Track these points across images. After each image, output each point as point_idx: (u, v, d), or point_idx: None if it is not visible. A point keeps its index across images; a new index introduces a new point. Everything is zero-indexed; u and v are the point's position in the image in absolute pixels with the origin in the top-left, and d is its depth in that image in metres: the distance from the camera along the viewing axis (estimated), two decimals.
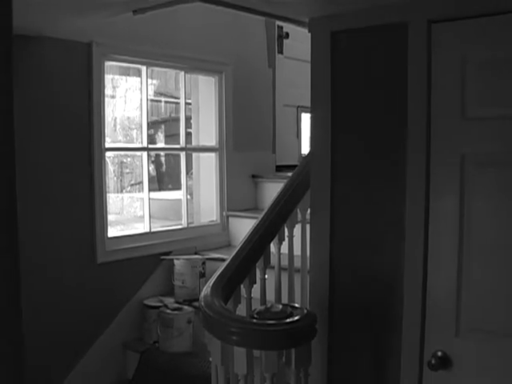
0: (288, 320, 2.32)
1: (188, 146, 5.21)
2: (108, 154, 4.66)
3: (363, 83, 2.59)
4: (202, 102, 5.37)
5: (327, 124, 2.67)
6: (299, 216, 3.30)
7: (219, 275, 2.72)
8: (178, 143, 5.20)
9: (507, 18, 2.15)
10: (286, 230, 3.22)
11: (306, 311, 2.38)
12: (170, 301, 4.46)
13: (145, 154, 4.80)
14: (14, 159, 1.55)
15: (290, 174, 3.42)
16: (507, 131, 2.19)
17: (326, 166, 2.68)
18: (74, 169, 4.12)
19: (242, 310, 2.90)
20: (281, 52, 5.81)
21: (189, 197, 5.36)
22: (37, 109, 3.85)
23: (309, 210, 2.93)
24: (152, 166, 7.63)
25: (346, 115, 2.64)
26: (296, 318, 2.33)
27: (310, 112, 2.79)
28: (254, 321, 2.39)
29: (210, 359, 2.55)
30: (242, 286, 2.89)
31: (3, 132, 1.45)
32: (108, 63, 4.42)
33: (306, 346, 2.37)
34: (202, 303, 2.48)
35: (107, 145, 4.46)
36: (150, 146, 5.03)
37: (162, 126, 8.15)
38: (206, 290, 2.58)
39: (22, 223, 3.44)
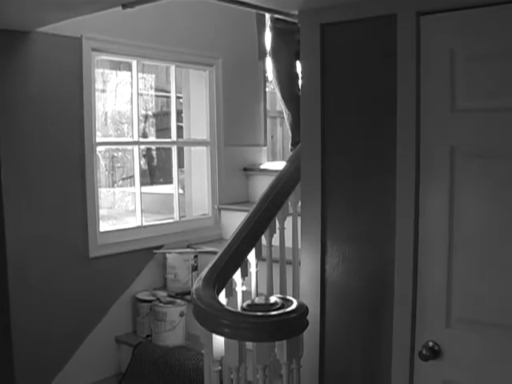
0: (279, 312, 2.32)
1: (179, 139, 5.21)
2: (99, 148, 4.67)
3: (352, 75, 2.59)
4: (193, 96, 5.37)
5: (317, 116, 2.67)
6: (290, 209, 3.31)
7: (211, 268, 2.73)
8: (170, 137, 5.20)
9: (494, 10, 2.15)
10: (277, 222, 3.23)
11: (297, 303, 2.39)
12: (162, 294, 4.47)
13: (136, 148, 4.80)
14: None
15: (281, 167, 3.42)
16: (496, 123, 2.19)
17: (316, 159, 2.68)
18: (65, 164, 4.12)
19: (233, 303, 2.91)
20: None
21: (181, 191, 5.36)
22: (27, 104, 3.83)
23: (300, 203, 2.94)
24: (143, 160, 7.63)
25: (336, 107, 2.64)
26: (288, 309, 2.33)
27: (301, 104, 2.80)
28: (246, 313, 2.39)
29: (203, 351, 2.56)
30: (233, 278, 2.90)
31: None
32: (98, 57, 4.41)
33: (298, 338, 2.38)
34: (194, 296, 2.48)
35: (98, 139, 4.47)
36: (142, 140, 5.03)
37: (153, 121, 8.14)
38: (197, 282, 2.59)
39: (13, 218, 3.46)
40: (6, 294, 1.62)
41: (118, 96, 7.48)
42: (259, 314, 2.35)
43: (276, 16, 4.26)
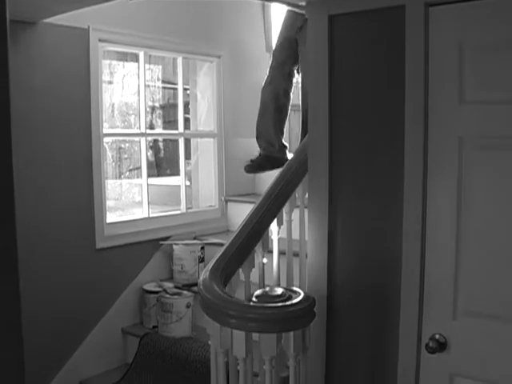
0: (287, 303, 2.33)
1: (186, 131, 5.21)
2: (106, 139, 4.67)
3: (360, 66, 2.59)
4: (200, 88, 5.36)
5: (325, 107, 2.66)
6: (297, 200, 3.31)
7: (218, 259, 2.73)
8: (177, 129, 5.20)
9: (502, 1, 2.14)
10: (284, 214, 3.23)
11: (304, 295, 2.39)
12: (169, 286, 4.48)
13: (143, 139, 4.80)
14: (11, 145, 1.55)
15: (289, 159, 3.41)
16: (504, 115, 2.19)
17: (323, 150, 2.68)
18: (73, 155, 4.12)
19: (240, 294, 2.91)
20: None
21: (187, 182, 5.37)
22: (33, 95, 3.84)
23: (307, 195, 2.94)
24: (150, 152, 7.62)
25: (344, 99, 2.63)
26: (295, 301, 2.34)
27: (309, 94, 2.79)
28: (253, 304, 2.39)
29: (209, 342, 2.56)
30: (240, 270, 2.90)
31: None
32: (105, 48, 4.41)
33: (305, 330, 2.39)
34: (201, 287, 2.48)
35: (105, 130, 4.47)
36: (149, 131, 5.03)
37: (160, 112, 8.13)
38: (204, 273, 2.59)
39: (21, 209, 3.45)
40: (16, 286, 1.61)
41: (125, 87, 7.48)
42: (266, 305, 2.35)
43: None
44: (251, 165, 4.25)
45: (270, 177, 4.31)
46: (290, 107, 4.43)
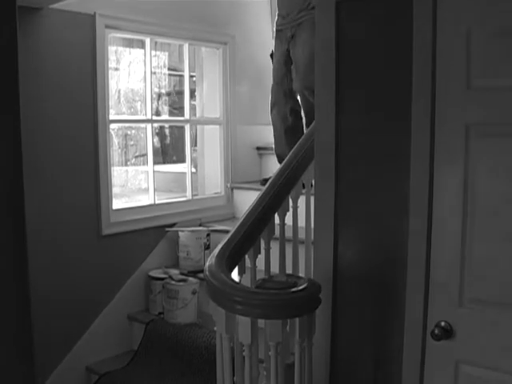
0: (292, 289, 2.33)
1: (192, 118, 5.21)
2: (112, 126, 4.67)
3: (368, 53, 2.57)
4: (206, 75, 5.36)
5: (332, 94, 2.65)
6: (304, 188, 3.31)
7: (224, 245, 2.72)
8: (183, 116, 5.20)
9: None
10: (290, 201, 3.22)
11: (310, 281, 2.39)
12: (174, 272, 4.49)
13: (149, 126, 4.80)
14: (20, 131, 1.55)
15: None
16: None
17: (330, 137, 2.67)
18: (79, 141, 4.13)
19: (246, 280, 2.91)
20: None
21: (193, 169, 5.37)
22: (39, 82, 3.84)
23: (313, 181, 2.93)
24: (156, 139, 7.61)
25: (351, 85, 2.62)
26: (300, 287, 2.33)
27: (315, 80, 2.78)
28: (259, 290, 2.40)
29: (215, 329, 2.56)
30: (246, 256, 2.90)
31: (9, 106, 1.46)
32: (111, 35, 4.40)
33: (310, 316, 2.38)
34: (207, 273, 2.48)
35: (111, 117, 4.46)
36: (155, 118, 5.03)
37: (166, 99, 8.12)
38: (210, 260, 2.59)
39: (27, 197, 3.45)
40: (25, 274, 1.63)
41: (131, 74, 7.46)
42: (272, 291, 2.35)
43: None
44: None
45: (276, 164, 4.32)
46: (304, 124, 4.49)
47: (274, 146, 4.77)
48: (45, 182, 3.89)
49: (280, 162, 4.27)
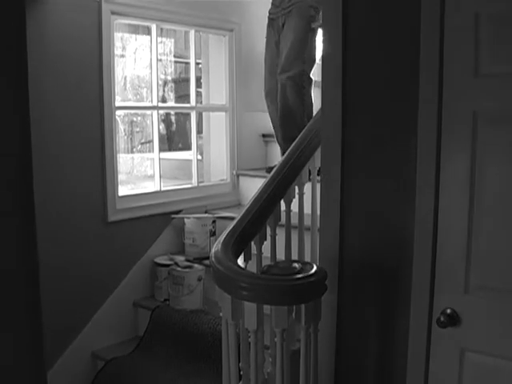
0: (298, 276, 2.32)
1: (198, 105, 5.20)
2: (118, 112, 4.67)
3: (375, 39, 2.55)
4: (212, 62, 5.34)
5: (338, 82, 2.64)
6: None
7: (230, 232, 2.72)
8: (189, 103, 5.19)
9: None
10: (296, 187, 3.22)
11: (316, 267, 2.39)
12: (180, 259, 4.49)
13: (155, 112, 4.80)
14: (29, 119, 1.56)
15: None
16: None
17: (337, 123, 2.66)
18: (85, 128, 4.13)
19: (252, 267, 2.91)
20: None
21: (199, 157, 5.36)
22: (45, 68, 3.83)
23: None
24: (162, 126, 7.61)
25: (357, 74, 2.61)
26: (307, 273, 2.33)
27: (322, 63, 2.76)
28: (265, 276, 2.39)
29: (221, 315, 2.57)
30: (252, 242, 2.90)
31: (19, 95, 1.46)
32: (117, 21, 4.39)
33: (316, 302, 2.38)
34: (213, 259, 2.48)
35: (117, 103, 4.46)
36: (161, 104, 5.02)
37: (172, 85, 8.11)
38: (216, 246, 2.59)
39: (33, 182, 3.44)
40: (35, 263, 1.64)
41: (137, 60, 7.45)
42: (278, 277, 2.35)
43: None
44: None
45: None
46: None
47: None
48: (51, 169, 3.89)
49: (283, 152, 4.26)
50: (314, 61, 4.50)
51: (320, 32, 3.96)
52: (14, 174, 1.55)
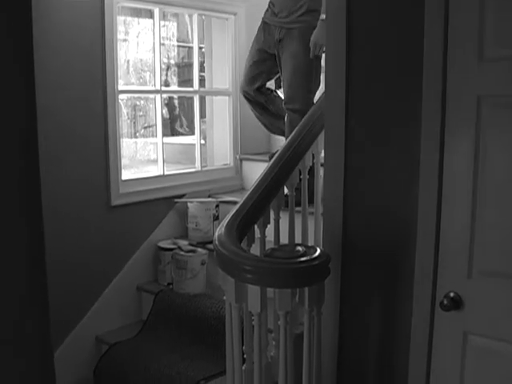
0: (302, 259, 2.33)
1: (201, 89, 5.19)
2: (121, 96, 4.65)
3: (379, 24, 2.54)
4: (216, 46, 5.32)
5: (342, 66, 2.63)
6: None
7: (233, 215, 2.72)
8: (192, 87, 5.18)
9: None
10: (299, 172, 3.22)
11: (319, 251, 2.39)
12: (183, 243, 4.50)
13: (158, 96, 4.78)
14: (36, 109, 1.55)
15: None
16: None
17: (340, 108, 2.65)
18: (88, 111, 4.11)
19: (255, 251, 2.92)
20: None
21: (202, 141, 5.36)
22: (47, 52, 3.81)
23: (322, 153, 2.92)
24: (165, 109, 7.61)
25: (361, 53, 2.60)
26: (310, 256, 2.34)
27: (325, 53, 2.76)
28: (268, 259, 2.40)
29: (224, 298, 2.57)
30: (255, 226, 2.90)
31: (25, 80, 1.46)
32: (120, 4, 4.37)
33: (320, 285, 2.39)
34: (217, 242, 2.48)
35: (120, 87, 4.45)
36: (164, 88, 5.01)
37: (175, 69, 8.10)
38: (220, 229, 2.59)
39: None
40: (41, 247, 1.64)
41: (140, 44, 7.44)
42: (281, 260, 2.35)
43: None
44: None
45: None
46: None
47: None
48: (54, 153, 3.89)
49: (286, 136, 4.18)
50: (319, 85, 4.18)
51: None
52: (20, 159, 1.55)
